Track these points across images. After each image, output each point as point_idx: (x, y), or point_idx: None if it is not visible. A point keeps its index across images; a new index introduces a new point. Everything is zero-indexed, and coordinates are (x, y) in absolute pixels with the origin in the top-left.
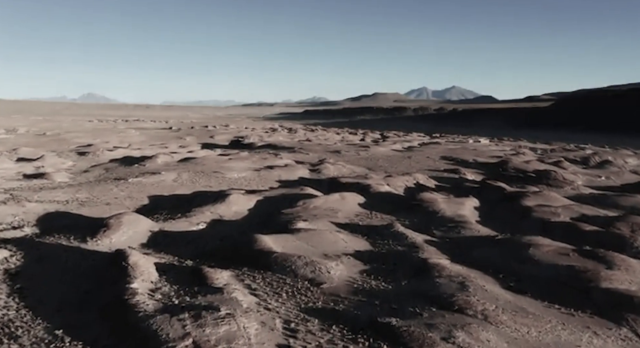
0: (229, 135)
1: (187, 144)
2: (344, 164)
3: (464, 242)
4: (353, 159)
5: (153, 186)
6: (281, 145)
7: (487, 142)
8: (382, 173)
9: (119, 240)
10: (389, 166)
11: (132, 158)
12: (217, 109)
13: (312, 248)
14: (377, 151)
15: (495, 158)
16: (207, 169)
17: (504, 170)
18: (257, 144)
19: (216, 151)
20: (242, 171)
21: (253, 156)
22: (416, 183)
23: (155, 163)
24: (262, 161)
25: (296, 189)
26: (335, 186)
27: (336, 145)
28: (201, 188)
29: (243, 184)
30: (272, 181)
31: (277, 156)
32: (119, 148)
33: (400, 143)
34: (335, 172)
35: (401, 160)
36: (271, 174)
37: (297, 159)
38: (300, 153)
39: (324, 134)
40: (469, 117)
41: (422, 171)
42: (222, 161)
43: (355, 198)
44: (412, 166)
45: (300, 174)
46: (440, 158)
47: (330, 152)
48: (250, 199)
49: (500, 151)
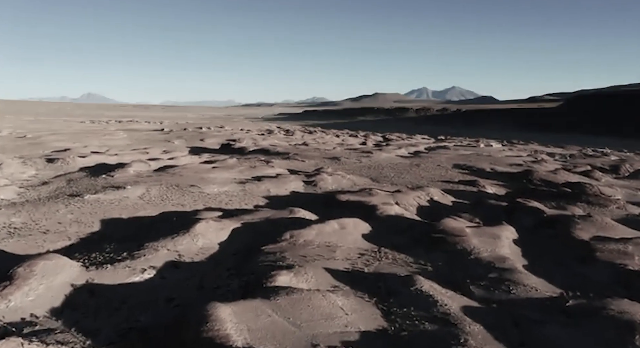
0: (220, 138)
1: (173, 148)
2: (344, 174)
3: (519, 312)
4: (354, 168)
5: (112, 205)
6: (275, 150)
7: (500, 146)
8: (389, 185)
9: (20, 303)
10: (395, 177)
11: (104, 166)
12: (217, 109)
13: (294, 331)
14: (380, 158)
15: (515, 167)
16: (183, 182)
17: (530, 182)
18: (248, 149)
19: (202, 157)
20: (225, 183)
21: (242, 163)
22: (431, 200)
23: (126, 174)
24: (251, 170)
25: (285, 212)
26: (332, 205)
27: (335, 150)
28: (171, 207)
29: (223, 202)
30: (257, 198)
31: (268, 164)
32: (95, 153)
33: (405, 147)
34: (333, 184)
35: (408, 169)
36: (258, 187)
37: (291, 167)
38: (294, 160)
39: (323, 136)
40: (473, 118)
41: (435, 183)
42: (204, 170)
43: (357, 227)
44: (421, 176)
45: (292, 188)
46: (453, 166)
47: (329, 159)
48: (225, 228)
49: (516, 156)
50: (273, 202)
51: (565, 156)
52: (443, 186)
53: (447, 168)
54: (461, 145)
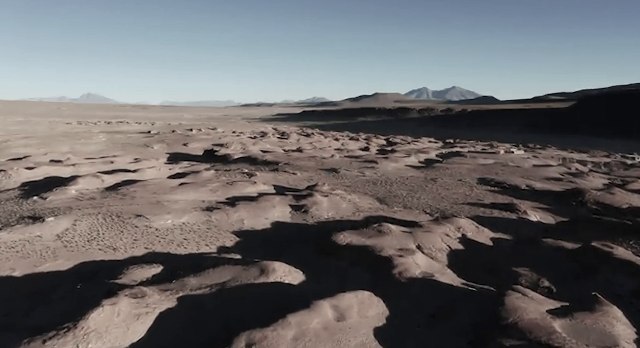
0: (206, 142)
1: (148, 155)
2: (344, 194)
3: None
4: (356, 184)
5: (10, 252)
6: (263, 158)
7: (522, 152)
8: (402, 209)
9: None
10: (408, 197)
11: (46, 183)
12: (215, 109)
13: None
14: (387, 169)
15: (554, 182)
16: (130, 209)
17: (584, 206)
18: (233, 157)
19: (175, 168)
20: (186, 210)
21: (219, 177)
22: (464, 239)
23: (64, 195)
24: (226, 188)
25: (253, 270)
26: (327, 251)
27: (334, 159)
28: (96, 254)
29: (173, 243)
30: (223, 236)
31: (250, 178)
32: (53, 162)
33: (414, 154)
34: (329, 211)
35: (423, 185)
36: (229, 217)
37: (278, 183)
38: (284, 173)
39: (321, 140)
40: (479, 119)
41: (461, 208)
42: (167, 188)
43: (365, 314)
44: (441, 196)
45: (275, 217)
46: (478, 182)
47: (326, 171)
48: (143, 314)
49: (546, 166)
50: (244, 244)
51: (599, 165)
52: (472, 212)
53: (472, 183)
54: (477, 151)
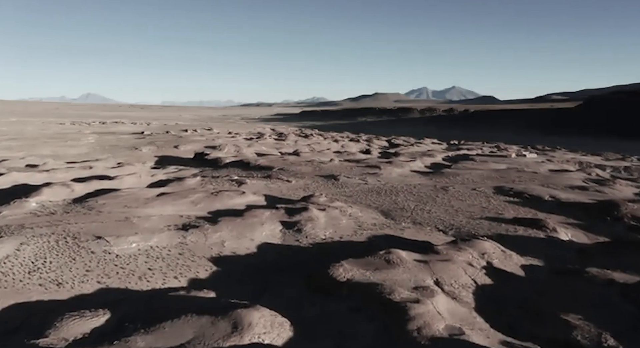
0: (199, 144)
1: (134, 159)
2: (344, 207)
3: None
4: (358, 193)
5: None
6: (256, 163)
7: (535, 156)
8: (411, 225)
9: None
10: (418, 210)
11: (9, 192)
12: (215, 109)
13: None
14: (392, 176)
15: (579, 191)
16: (95, 228)
17: (619, 221)
18: (224, 161)
19: (158, 174)
20: (159, 229)
21: (204, 185)
22: (491, 269)
23: (22, 209)
24: (211, 199)
25: (225, 324)
26: (323, 288)
27: (333, 163)
28: (33, 292)
29: (136, 273)
30: (197, 264)
31: (240, 187)
32: (27, 167)
33: (420, 157)
34: (327, 229)
35: (433, 195)
36: (208, 238)
37: (270, 192)
38: (277, 180)
39: (319, 142)
40: (482, 119)
41: (479, 223)
42: (142, 200)
43: None
44: (455, 208)
45: (262, 237)
46: (495, 191)
47: (324, 177)
48: None
49: (565, 172)
50: (220, 275)
51: (619, 170)
52: (493, 230)
53: (488, 193)
54: (486, 154)
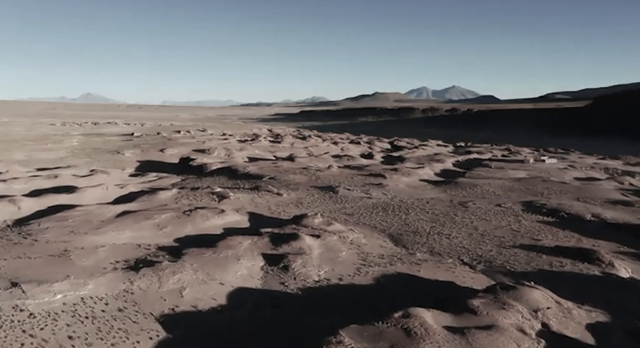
0: (188, 147)
1: (113, 164)
2: (344, 231)
3: None
4: (361, 211)
5: None
6: (245, 170)
7: (554, 161)
8: (430, 260)
9: None
10: (435, 234)
11: None
12: (213, 109)
13: None
14: (399, 187)
15: (621, 208)
16: (17, 266)
17: None
18: (210, 168)
19: (132, 184)
20: (102, 268)
21: (178, 201)
22: (549, 338)
23: None
24: (181, 221)
25: None
26: None
27: (331, 171)
28: None
29: (50, 344)
30: (138, 329)
31: (220, 203)
32: None
33: (428, 163)
34: (322, 267)
35: (451, 213)
36: (164, 281)
37: (256, 209)
38: (266, 193)
39: (318, 144)
40: (487, 120)
41: (513, 254)
42: (97, 223)
43: None
44: (481, 232)
45: (236, 279)
46: (524, 208)
47: (321, 189)
48: None
49: (590, 179)
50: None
51: None
52: (534, 264)
53: (516, 211)
54: (500, 159)
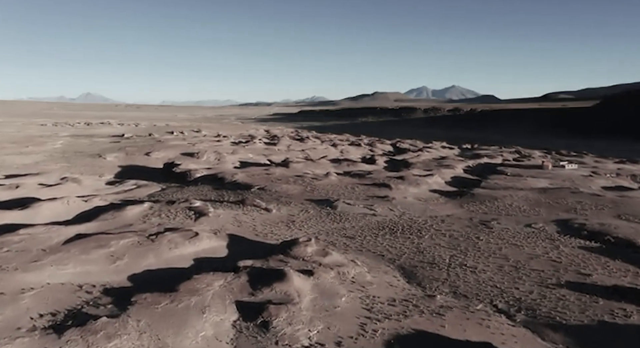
0: (176, 150)
1: (91, 170)
2: (344, 264)
3: None
4: (364, 233)
5: None
6: (233, 179)
7: (575, 167)
8: (454, 308)
9: None
10: (456, 265)
11: None
12: (212, 109)
13: None
14: (408, 201)
15: None
16: None
17: None
18: (194, 175)
19: (97, 198)
20: (14, 330)
21: (147, 219)
22: None
23: None
24: (143, 249)
25: None
26: None
27: (330, 179)
28: None
29: None
30: None
31: (196, 222)
32: None
33: (437, 169)
34: (315, 326)
35: (473, 236)
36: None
37: (238, 230)
38: (253, 208)
39: (316, 146)
40: (491, 120)
41: (560, 298)
42: (37, 252)
43: None
44: (513, 263)
45: (197, 346)
46: (559, 229)
47: (317, 203)
48: None
49: (620, 189)
50: None
51: None
52: (591, 314)
53: (550, 233)
54: (514, 164)
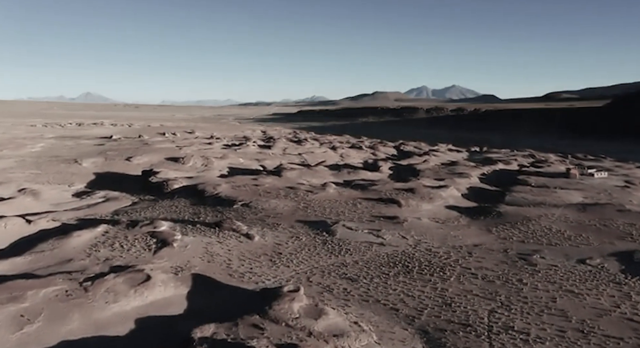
0: (161, 154)
1: (62, 178)
2: (345, 330)
3: None
4: (370, 272)
5: None
6: (214, 192)
7: (604, 175)
8: None
9: None
10: (501, 332)
11: None
12: (211, 109)
13: None
14: (423, 224)
15: None
16: None
17: None
18: (172, 186)
19: (64, 208)
20: None
21: (95, 250)
22: None
23: None
24: (69, 304)
25: None
26: None
27: (327, 192)
28: None
29: None
30: None
31: (156, 255)
32: None
33: (450, 179)
34: None
35: (515, 281)
36: None
37: (207, 269)
38: (232, 233)
39: (314, 149)
40: (496, 120)
41: None
42: None
43: None
44: (577, 326)
45: None
46: (622, 267)
47: (311, 226)
48: None
49: None
50: None
51: None
52: None
53: (612, 272)
54: (534, 171)
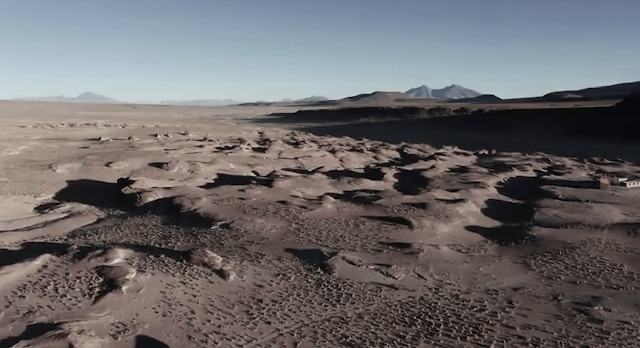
0: (145, 159)
1: (27, 188)
2: None
3: None
4: (380, 339)
5: None
6: (191, 208)
7: (633, 186)
8: None
9: None
10: None
11: None
12: (210, 109)
13: None
14: (440, 254)
15: None
16: None
17: None
18: (146, 199)
19: (14, 227)
20: None
21: (18, 298)
22: None
23: None
24: None
25: None
26: None
27: (325, 207)
28: None
29: None
30: None
31: (96, 303)
32: None
33: (466, 191)
34: None
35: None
36: None
37: (156, 329)
38: (200, 271)
39: (311, 152)
40: (500, 120)
41: None
42: None
43: None
44: None
45: None
46: None
47: (302, 257)
48: None
49: None
50: None
51: None
52: None
53: None
54: (557, 180)
